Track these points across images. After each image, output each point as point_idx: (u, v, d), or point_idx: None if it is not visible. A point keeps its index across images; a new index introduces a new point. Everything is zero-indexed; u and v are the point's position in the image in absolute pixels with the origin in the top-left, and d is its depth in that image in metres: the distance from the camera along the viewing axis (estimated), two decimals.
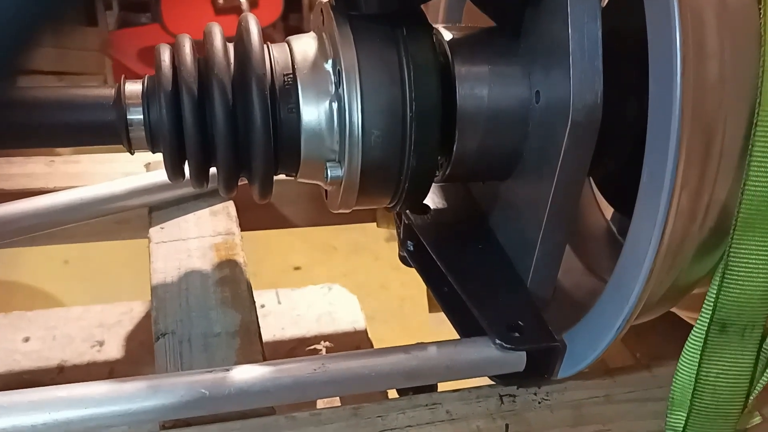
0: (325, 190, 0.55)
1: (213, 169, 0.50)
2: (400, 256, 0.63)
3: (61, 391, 0.44)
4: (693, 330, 0.44)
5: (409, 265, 0.63)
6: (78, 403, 0.44)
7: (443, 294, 0.56)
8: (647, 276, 0.41)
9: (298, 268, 1.82)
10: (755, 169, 0.40)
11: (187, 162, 0.50)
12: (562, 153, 0.46)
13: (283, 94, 0.48)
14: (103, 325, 0.77)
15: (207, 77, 0.47)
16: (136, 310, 0.79)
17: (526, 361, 0.49)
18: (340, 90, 0.47)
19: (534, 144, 0.50)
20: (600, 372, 0.53)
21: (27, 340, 0.75)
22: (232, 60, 0.48)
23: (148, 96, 0.48)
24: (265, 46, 0.49)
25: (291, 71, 0.48)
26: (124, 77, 0.49)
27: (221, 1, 1.92)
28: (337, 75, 0.47)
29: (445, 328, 0.56)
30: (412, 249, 0.61)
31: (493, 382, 0.51)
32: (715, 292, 0.43)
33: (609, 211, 0.63)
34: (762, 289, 0.42)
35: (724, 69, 0.39)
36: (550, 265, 0.51)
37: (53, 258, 1.68)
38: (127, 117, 0.48)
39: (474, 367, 0.49)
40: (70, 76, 1.98)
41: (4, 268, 1.58)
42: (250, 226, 0.69)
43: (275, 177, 0.51)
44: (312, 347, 0.80)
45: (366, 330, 0.83)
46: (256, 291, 0.59)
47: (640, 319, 0.48)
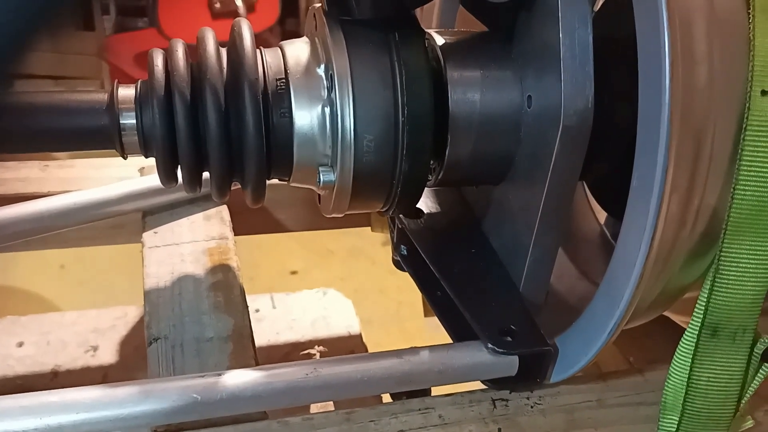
0: (318, 195, 0.55)
1: (206, 174, 0.50)
2: (393, 261, 0.64)
3: (52, 396, 0.44)
4: (684, 334, 0.44)
5: (402, 270, 0.63)
6: (70, 408, 0.43)
7: (436, 298, 0.56)
8: (637, 280, 0.41)
9: (295, 273, 1.82)
10: (745, 173, 0.40)
11: (179, 167, 0.50)
12: (553, 157, 0.46)
13: (275, 99, 0.48)
14: (97, 330, 0.77)
15: (200, 82, 0.47)
16: (131, 315, 0.79)
17: (519, 365, 0.49)
18: (333, 95, 0.47)
19: (526, 148, 0.50)
20: (593, 376, 0.53)
21: (21, 345, 0.75)
22: (225, 65, 0.48)
23: (141, 101, 0.48)
24: (257, 50, 0.49)
25: (284, 76, 0.48)
26: (117, 82, 0.49)
27: (218, 5, 1.92)
28: (330, 80, 0.47)
29: (441, 333, 0.56)
30: (405, 253, 0.61)
31: (485, 387, 0.51)
32: (705, 296, 0.43)
33: (602, 216, 0.63)
34: (752, 293, 0.42)
35: (713, 74, 0.39)
36: (542, 269, 0.51)
37: (50, 262, 1.68)
38: (120, 122, 0.48)
39: (466, 372, 0.49)
40: (66, 80, 1.98)
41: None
42: (243, 231, 0.69)
43: (268, 182, 0.51)
44: (306, 352, 0.80)
45: (361, 334, 0.83)
46: (251, 295, 0.60)
47: (633, 323, 0.48)
